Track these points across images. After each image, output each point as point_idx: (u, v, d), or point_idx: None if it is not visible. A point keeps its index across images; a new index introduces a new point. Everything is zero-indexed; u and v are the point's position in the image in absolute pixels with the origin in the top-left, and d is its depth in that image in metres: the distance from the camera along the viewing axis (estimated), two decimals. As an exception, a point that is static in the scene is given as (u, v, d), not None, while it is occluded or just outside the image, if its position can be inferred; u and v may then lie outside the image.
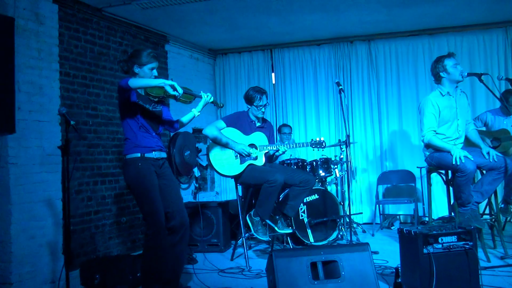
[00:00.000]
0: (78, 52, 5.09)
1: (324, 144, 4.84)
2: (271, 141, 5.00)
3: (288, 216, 4.89)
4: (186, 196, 6.97)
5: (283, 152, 4.76)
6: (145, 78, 3.57)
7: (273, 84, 7.71)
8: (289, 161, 5.90)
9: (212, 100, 3.97)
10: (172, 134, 6.39)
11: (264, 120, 5.04)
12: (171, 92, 3.48)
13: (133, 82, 3.40)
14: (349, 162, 4.90)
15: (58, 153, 4.56)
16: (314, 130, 7.48)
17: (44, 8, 4.55)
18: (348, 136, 4.87)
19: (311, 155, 7.11)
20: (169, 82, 3.45)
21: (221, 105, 4.14)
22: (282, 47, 7.62)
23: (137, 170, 3.59)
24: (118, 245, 5.47)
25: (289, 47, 7.59)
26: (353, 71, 7.33)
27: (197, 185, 7.14)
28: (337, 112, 7.36)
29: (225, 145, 4.71)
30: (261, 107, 4.80)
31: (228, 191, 7.71)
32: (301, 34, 7.12)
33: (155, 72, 3.69)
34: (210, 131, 4.72)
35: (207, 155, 4.80)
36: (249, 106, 4.88)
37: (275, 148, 4.77)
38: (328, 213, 5.64)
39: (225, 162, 4.74)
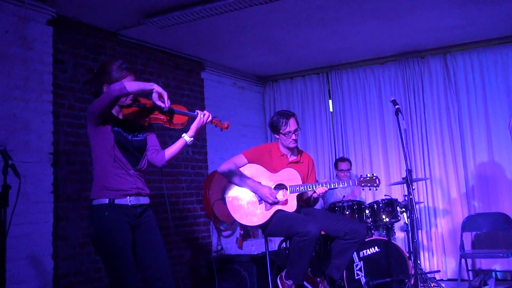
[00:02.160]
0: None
1: (377, 182, 3.69)
2: (310, 179, 3.92)
3: (333, 278, 3.72)
4: (229, 245, 5.99)
5: (320, 194, 3.64)
6: (137, 82, 2.75)
7: (331, 112, 6.61)
8: (341, 204, 4.72)
9: (212, 120, 2.99)
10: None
11: (300, 153, 3.98)
12: (157, 102, 2.68)
13: (129, 85, 2.62)
14: (413, 205, 3.66)
15: (49, 199, 3.84)
16: (380, 165, 6.22)
17: (34, 30, 3.92)
18: (409, 171, 3.65)
19: (377, 195, 5.85)
20: (159, 89, 2.70)
21: (226, 126, 3.14)
22: (339, 69, 6.54)
23: (102, 221, 2.68)
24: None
25: (347, 68, 6.50)
26: (426, 92, 6.05)
27: (242, 232, 6.13)
28: (409, 142, 6.07)
29: (244, 186, 3.70)
30: (290, 134, 3.76)
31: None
32: (359, 51, 6.02)
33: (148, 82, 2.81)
34: (226, 168, 3.74)
35: (224, 199, 3.79)
36: (277, 136, 3.86)
37: (310, 189, 3.68)
38: (393, 271, 4.36)
39: (246, 208, 3.72)
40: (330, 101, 6.62)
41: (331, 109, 6.62)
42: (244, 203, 3.72)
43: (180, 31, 4.86)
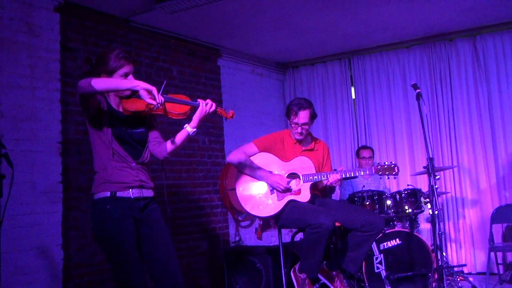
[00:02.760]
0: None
1: (396, 170, 3.48)
2: (325, 167, 3.73)
3: (349, 272, 3.53)
4: (249, 235, 5.86)
5: (334, 182, 3.45)
6: (114, 79, 2.57)
7: (353, 100, 6.37)
8: (360, 195, 4.51)
9: (215, 109, 2.83)
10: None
11: (314, 140, 3.79)
12: (147, 100, 2.47)
13: (99, 83, 2.43)
14: (435, 196, 3.41)
15: (57, 189, 3.78)
16: (405, 153, 5.95)
17: (40, 17, 3.82)
18: (431, 160, 3.41)
19: (401, 184, 5.61)
20: (146, 85, 2.46)
21: (231, 115, 2.95)
22: (362, 54, 6.27)
23: (104, 215, 2.57)
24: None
25: (370, 53, 6.22)
26: (454, 77, 5.73)
27: (261, 222, 5.97)
28: (435, 129, 5.78)
29: (255, 176, 3.54)
30: (297, 126, 3.57)
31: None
32: (383, 35, 5.75)
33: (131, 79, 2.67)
34: (235, 157, 3.58)
35: (235, 189, 3.64)
36: (289, 122, 3.68)
37: (324, 178, 3.49)
38: (415, 264, 4.14)
39: (257, 199, 3.56)
40: (353, 88, 6.37)
41: (353, 96, 6.37)
42: (255, 193, 3.56)
43: (193, 16, 4.70)
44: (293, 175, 3.56)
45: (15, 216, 3.51)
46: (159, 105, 2.50)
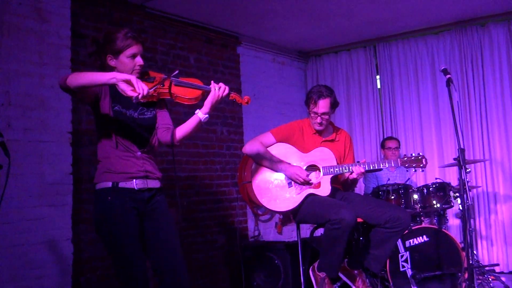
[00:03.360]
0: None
1: (424, 162, 3.24)
2: (347, 159, 3.50)
3: (371, 271, 3.31)
4: (268, 230, 5.67)
5: (357, 175, 3.22)
6: (89, 72, 2.34)
7: (379, 89, 6.08)
8: (385, 188, 4.26)
9: (229, 93, 2.61)
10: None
11: (336, 130, 3.56)
12: (128, 92, 2.21)
13: (73, 79, 2.24)
14: (466, 190, 3.15)
15: (67, 181, 3.65)
16: (433, 145, 5.65)
17: (50, 2, 3.67)
18: (462, 151, 3.15)
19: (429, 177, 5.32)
20: (122, 76, 2.22)
21: (246, 101, 2.72)
22: (388, 41, 5.98)
23: (105, 207, 2.41)
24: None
25: (397, 39, 5.92)
26: (486, 64, 5.40)
27: (281, 216, 5.77)
28: (466, 119, 5.46)
29: (272, 168, 3.33)
30: (316, 116, 3.34)
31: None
32: (410, 20, 5.45)
33: (139, 61, 2.47)
34: (251, 148, 3.38)
35: (251, 182, 3.44)
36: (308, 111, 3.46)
37: (346, 171, 3.26)
38: (443, 263, 3.88)
39: (274, 192, 3.35)
40: (378, 77, 6.09)
41: (378, 86, 6.09)
42: (272, 186, 3.35)
43: (210, 2, 4.51)
44: (312, 167, 3.35)
45: (23, 208, 3.40)
46: (140, 97, 2.21)
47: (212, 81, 2.56)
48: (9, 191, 3.32)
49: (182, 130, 2.62)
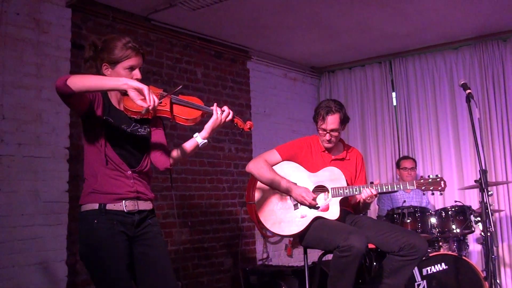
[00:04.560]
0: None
1: (442, 185, 2.99)
2: (358, 180, 3.26)
3: (385, 302, 3.03)
4: (277, 252, 5.42)
5: (369, 197, 2.98)
6: (95, 76, 2.17)
7: (394, 106, 5.84)
8: (400, 211, 3.99)
9: (233, 119, 2.44)
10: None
11: (347, 148, 3.33)
12: (137, 101, 2.05)
13: (76, 82, 1.99)
14: (489, 214, 2.88)
15: (63, 199, 3.48)
16: (452, 165, 5.37)
17: (49, 13, 3.56)
18: (484, 172, 2.89)
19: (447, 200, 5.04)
20: (135, 83, 2.03)
21: (249, 126, 2.55)
22: (404, 56, 5.76)
23: (91, 231, 2.20)
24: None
25: (414, 55, 5.70)
26: (508, 80, 5.14)
27: (291, 238, 5.51)
28: (487, 138, 5.18)
29: (277, 188, 3.11)
30: (324, 133, 3.12)
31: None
32: (427, 35, 5.22)
33: (137, 74, 2.28)
34: (255, 166, 3.17)
35: (253, 203, 3.21)
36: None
37: (357, 192, 3.02)
38: (464, 293, 3.59)
39: (279, 214, 3.12)
40: (394, 93, 5.85)
41: (394, 102, 5.85)
42: (277, 208, 3.12)
43: (217, 14, 4.36)
44: (321, 188, 3.11)
45: (15, 227, 3.23)
46: (150, 108, 2.05)
47: (215, 104, 2.37)
48: (0, 209, 3.17)
49: (177, 153, 2.43)
